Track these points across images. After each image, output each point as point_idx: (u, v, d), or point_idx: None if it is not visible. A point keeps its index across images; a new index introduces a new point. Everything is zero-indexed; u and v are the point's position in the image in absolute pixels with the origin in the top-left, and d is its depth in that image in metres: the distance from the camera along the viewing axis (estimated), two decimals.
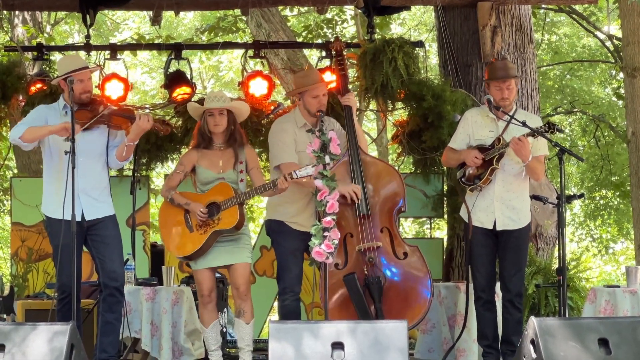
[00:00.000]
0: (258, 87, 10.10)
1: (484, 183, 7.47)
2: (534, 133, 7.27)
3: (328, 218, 6.66)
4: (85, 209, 7.20)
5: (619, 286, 7.61)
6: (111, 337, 7.27)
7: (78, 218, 7.01)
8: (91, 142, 7.25)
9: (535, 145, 7.38)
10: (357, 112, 8.27)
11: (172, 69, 10.38)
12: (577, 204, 20.30)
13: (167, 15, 17.37)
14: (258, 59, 10.65)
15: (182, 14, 19.07)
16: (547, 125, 7.26)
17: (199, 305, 7.67)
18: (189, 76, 10.30)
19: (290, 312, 7.50)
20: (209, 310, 7.49)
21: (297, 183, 7.23)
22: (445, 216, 10.26)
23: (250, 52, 10.56)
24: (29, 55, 10.92)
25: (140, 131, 7.27)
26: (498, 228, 7.47)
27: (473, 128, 7.63)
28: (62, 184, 7.04)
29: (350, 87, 8.32)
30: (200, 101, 8.09)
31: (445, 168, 9.67)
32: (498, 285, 7.64)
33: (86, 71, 7.30)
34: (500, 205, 7.48)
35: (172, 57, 10.38)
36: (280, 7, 13.64)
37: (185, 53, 10.48)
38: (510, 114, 7.46)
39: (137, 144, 7.42)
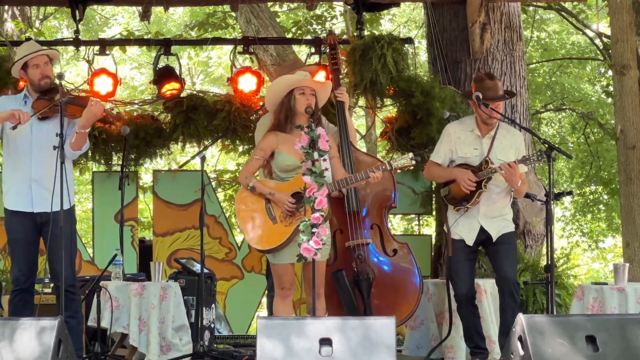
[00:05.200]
0: (247, 83, 10.09)
1: (472, 205, 7.43)
2: (525, 160, 7.26)
3: (316, 214, 6.65)
4: (35, 201, 7.03)
5: (606, 283, 7.62)
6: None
7: (29, 209, 6.97)
8: (48, 131, 7.02)
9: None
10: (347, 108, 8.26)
11: (161, 64, 10.36)
12: (566, 199, 20.32)
13: (157, 10, 17.31)
14: (247, 55, 10.64)
15: (171, 9, 18.98)
16: (538, 152, 7.19)
17: (275, 299, 7.21)
18: (178, 72, 10.28)
19: None
20: (287, 303, 7.10)
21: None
22: (434, 213, 10.26)
23: (240, 48, 10.54)
24: None
25: (91, 116, 6.98)
26: (493, 238, 7.43)
27: (456, 144, 7.52)
28: (18, 174, 6.97)
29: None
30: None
31: None
32: (479, 282, 7.68)
33: (40, 55, 7.09)
34: (485, 221, 7.44)
35: (161, 52, 10.36)
36: (269, 3, 13.61)
37: (174, 49, 10.44)
38: (493, 129, 7.43)
39: (124, 138, 7.26)
